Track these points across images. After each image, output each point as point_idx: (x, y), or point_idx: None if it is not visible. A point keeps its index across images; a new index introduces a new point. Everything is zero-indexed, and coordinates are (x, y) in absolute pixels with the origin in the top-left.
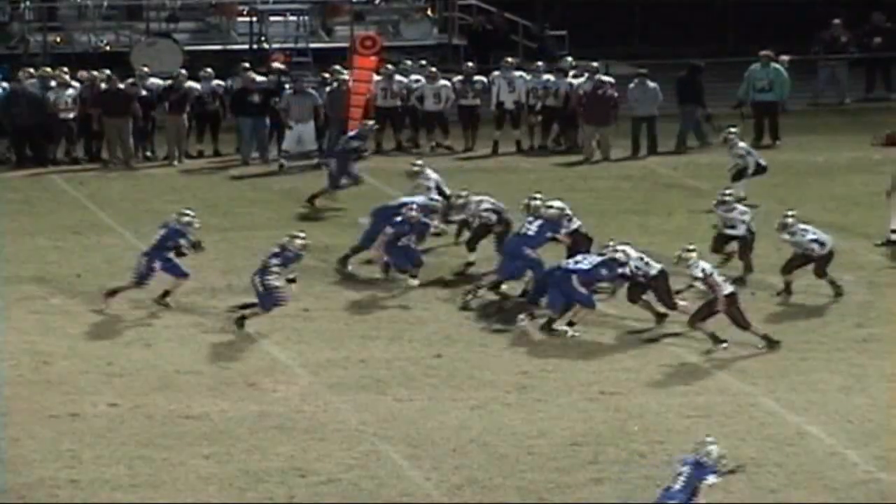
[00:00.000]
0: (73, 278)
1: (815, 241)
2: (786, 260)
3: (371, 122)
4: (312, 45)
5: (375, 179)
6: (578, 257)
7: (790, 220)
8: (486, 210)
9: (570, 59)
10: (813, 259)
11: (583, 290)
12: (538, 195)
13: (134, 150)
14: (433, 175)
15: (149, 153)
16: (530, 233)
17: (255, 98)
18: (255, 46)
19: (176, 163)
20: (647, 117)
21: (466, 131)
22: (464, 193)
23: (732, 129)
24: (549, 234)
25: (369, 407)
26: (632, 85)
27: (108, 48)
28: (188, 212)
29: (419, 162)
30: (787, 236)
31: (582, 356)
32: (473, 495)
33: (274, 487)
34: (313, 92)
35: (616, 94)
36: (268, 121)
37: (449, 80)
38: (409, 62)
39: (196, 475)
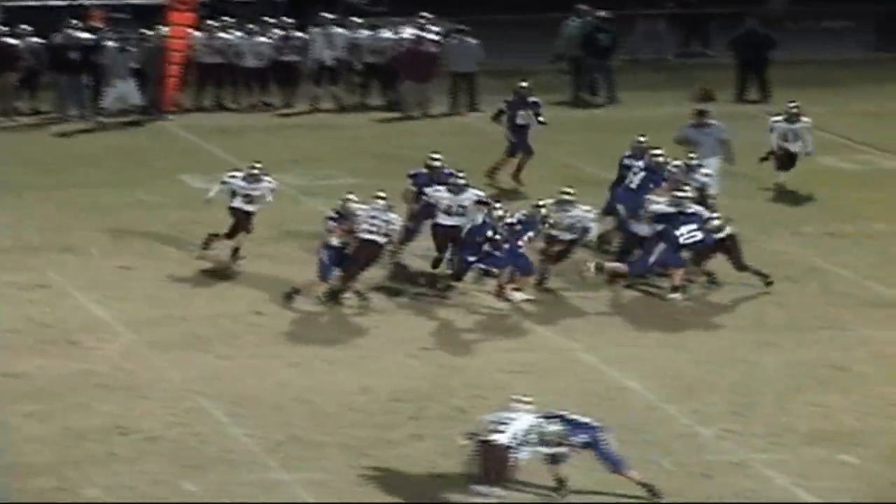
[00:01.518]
0: None
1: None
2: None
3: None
4: (131, 2)
5: (195, 136)
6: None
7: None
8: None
9: (424, 14)
10: (720, 250)
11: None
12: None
13: None
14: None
15: None
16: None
17: (75, 55)
18: (73, 3)
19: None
20: (466, 73)
21: (285, 88)
22: None
23: (792, 103)
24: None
25: (191, 364)
26: (452, 41)
27: None
28: (498, 205)
29: (259, 164)
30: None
31: (406, 313)
32: (295, 451)
33: (95, 445)
34: (132, 49)
35: (437, 51)
36: (86, 78)
37: (268, 36)
38: (227, 18)
39: (18, 434)
